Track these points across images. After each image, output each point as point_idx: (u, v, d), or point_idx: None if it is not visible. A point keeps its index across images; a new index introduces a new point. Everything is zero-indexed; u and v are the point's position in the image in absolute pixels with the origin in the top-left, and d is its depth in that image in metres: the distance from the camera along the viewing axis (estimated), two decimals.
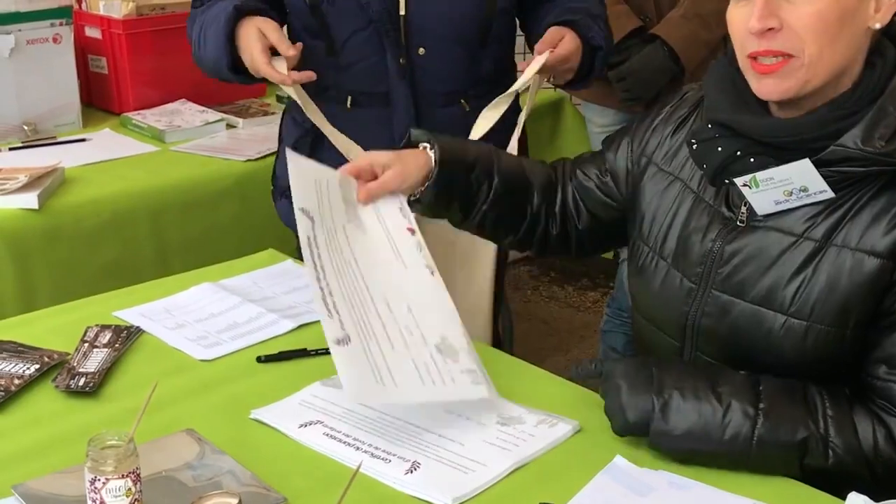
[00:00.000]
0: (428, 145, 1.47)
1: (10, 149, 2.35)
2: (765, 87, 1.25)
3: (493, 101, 1.77)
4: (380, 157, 1.47)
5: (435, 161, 1.44)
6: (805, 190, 1.24)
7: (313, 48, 1.82)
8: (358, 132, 1.83)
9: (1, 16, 2.33)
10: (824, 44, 1.20)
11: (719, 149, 1.28)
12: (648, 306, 1.42)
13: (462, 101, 1.87)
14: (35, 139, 2.41)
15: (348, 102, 1.86)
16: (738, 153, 1.27)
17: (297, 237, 1.43)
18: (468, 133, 1.80)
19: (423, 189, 1.45)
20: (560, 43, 1.75)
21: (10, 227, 2.00)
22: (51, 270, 2.04)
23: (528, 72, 1.73)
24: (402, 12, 1.77)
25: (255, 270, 1.78)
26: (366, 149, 1.76)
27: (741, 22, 1.24)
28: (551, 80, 1.84)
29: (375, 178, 1.45)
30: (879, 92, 1.22)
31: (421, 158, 1.46)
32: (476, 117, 1.82)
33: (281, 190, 1.97)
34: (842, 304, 1.22)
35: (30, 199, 2.01)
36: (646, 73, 2.46)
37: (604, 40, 1.82)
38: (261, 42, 1.68)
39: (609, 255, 2.86)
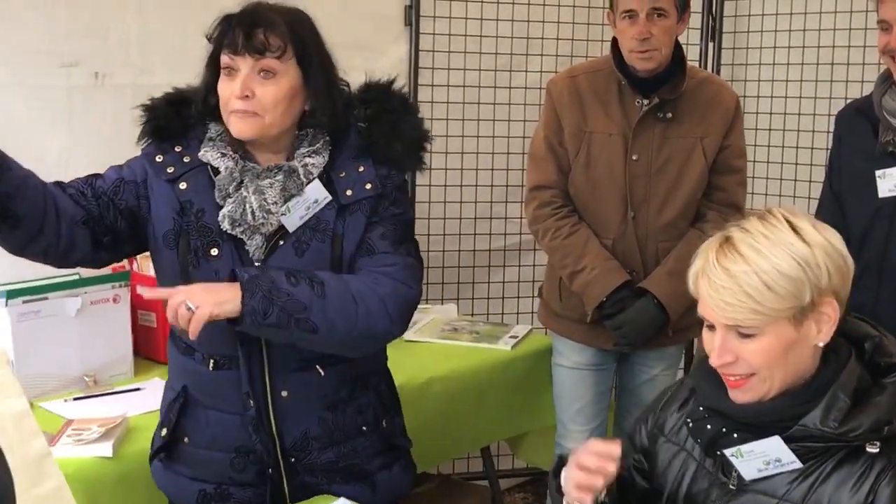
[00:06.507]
0: None
1: (75, 399, 2.61)
2: (734, 395, 1.58)
3: None
4: None
5: None
6: (779, 461, 1.54)
7: None
8: (217, 391, 2.03)
9: (72, 282, 2.65)
10: (774, 367, 1.54)
11: (709, 427, 1.60)
12: None
13: (317, 366, 2.02)
14: (96, 390, 2.67)
15: (210, 365, 2.02)
16: (724, 430, 1.58)
17: None
18: (323, 397, 2.02)
19: None
20: None
21: (87, 474, 2.23)
22: None
23: None
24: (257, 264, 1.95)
25: None
26: (224, 407, 2.00)
27: (707, 343, 1.58)
28: None
29: None
30: (831, 383, 1.54)
31: None
32: (332, 383, 2.01)
33: (154, 453, 2.15)
34: None
35: (105, 449, 2.26)
36: (640, 323, 2.80)
37: (254, 278, 1.85)
38: None
39: None
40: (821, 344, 1.54)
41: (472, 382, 3.02)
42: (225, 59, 1.94)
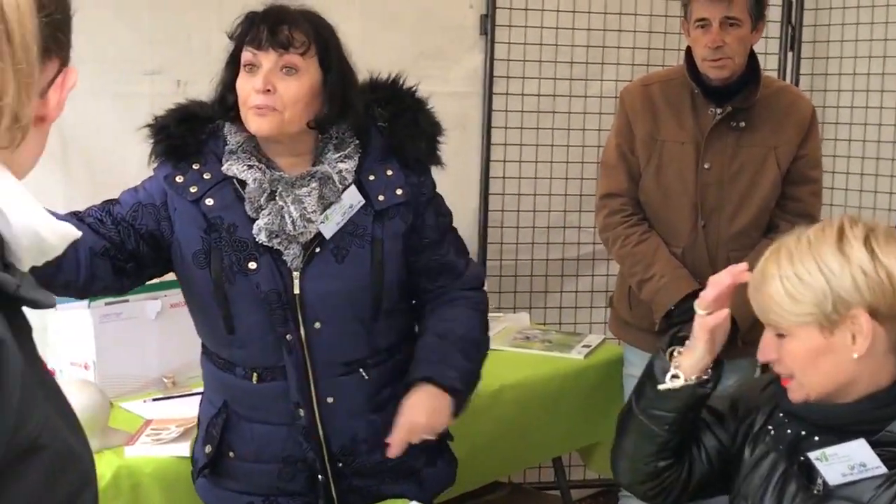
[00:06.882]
0: None
1: (154, 399, 2.66)
2: (788, 393, 1.59)
3: None
4: None
5: None
6: (864, 465, 1.52)
7: (215, 328, 2.02)
8: (261, 404, 2.02)
9: (153, 285, 2.69)
10: (806, 371, 1.55)
11: (789, 431, 1.58)
12: None
13: (361, 370, 2.03)
14: (174, 391, 2.72)
15: (254, 378, 2.01)
16: (804, 433, 1.56)
17: None
18: (369, 399, 2.02)
19: None
20: (409, 409, 1.98)
21: (164, 473, 2.29)
22: None
23: None
24: (297, 291, 1.95)
25: None
26: (269, 419, 2.00)
27: None
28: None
29: None
30: None
31: None
32: (376, 385, 2.02)
33: (197, 470, 2.14)
34: None
35: (182, 449, 2.30)
36: None
37: (462, 380, 2.03)
38: None
39: None
40: (855, 356, 1.52)
41: (544, 391, 3.02)
42: (247, 55, 1.93)
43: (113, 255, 1.94)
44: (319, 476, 2.05)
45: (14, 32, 0.84)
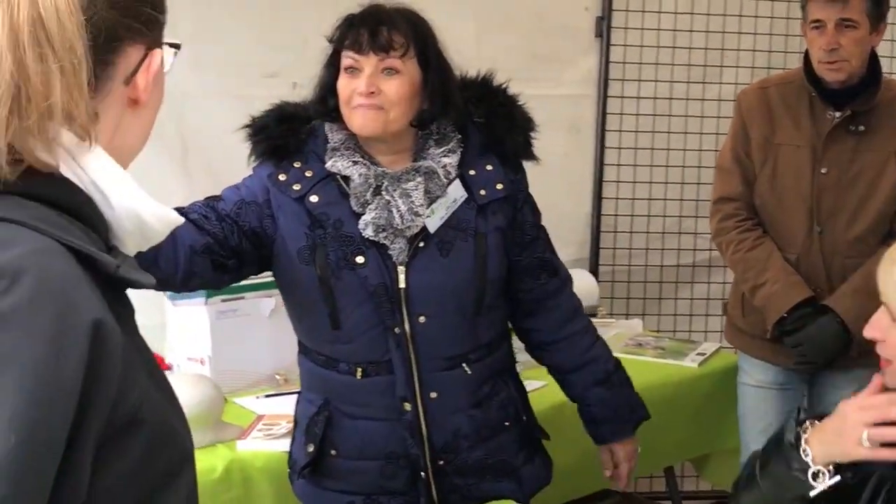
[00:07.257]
0: None
1: (266, 396, 2.71)
2: (884, 377, 1.62)
3: None
4: None
5: None
6: None
7: (319, 324, 2.01)
8: (365, 400, 2.01)
9: (268, 283, 2.74)
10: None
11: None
12: None
13: (463, 364, 2.03)
14: (286, 388, 2.76)
15: (358, 374, 2.01)
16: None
17: None
18: (470, 395, 2.04)
19: None
20: (621, 446, 2.28)
21: (274, 467, 2.31)
22: None
23: None
24: (402, 285, 1.95)
25: None
26: (373, 414, 2.01)
27: None
28: None
29: None
30: None
31: None
32: (477, 380, 2.03)
33: (297, 470, 2.12)
34: None
35: None
36: (819, 341, 2.70)
37: (642, 403, 2.31)
38: None
39: None
40: None
41: (657, 399, 2.94)
42: (348, 59, 1.95)
43: (215, 252, 1.95)
44: (422, 473, 2.05)
45: (53, 34, 0.85)
